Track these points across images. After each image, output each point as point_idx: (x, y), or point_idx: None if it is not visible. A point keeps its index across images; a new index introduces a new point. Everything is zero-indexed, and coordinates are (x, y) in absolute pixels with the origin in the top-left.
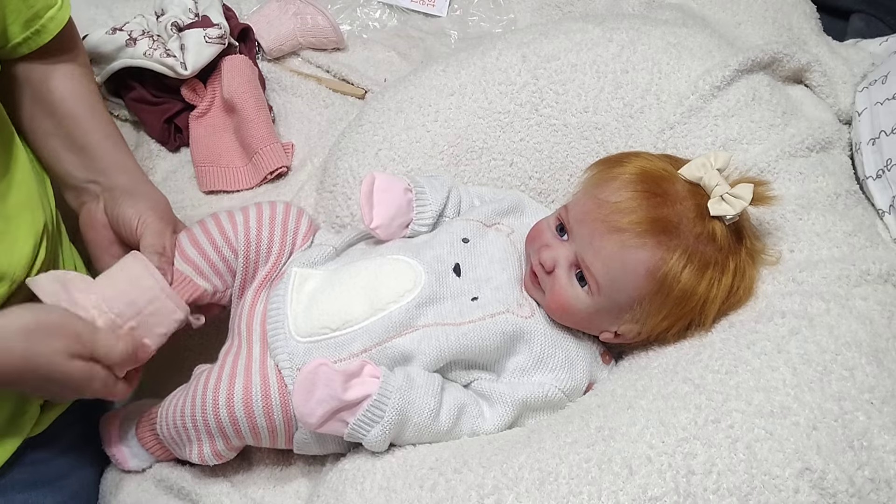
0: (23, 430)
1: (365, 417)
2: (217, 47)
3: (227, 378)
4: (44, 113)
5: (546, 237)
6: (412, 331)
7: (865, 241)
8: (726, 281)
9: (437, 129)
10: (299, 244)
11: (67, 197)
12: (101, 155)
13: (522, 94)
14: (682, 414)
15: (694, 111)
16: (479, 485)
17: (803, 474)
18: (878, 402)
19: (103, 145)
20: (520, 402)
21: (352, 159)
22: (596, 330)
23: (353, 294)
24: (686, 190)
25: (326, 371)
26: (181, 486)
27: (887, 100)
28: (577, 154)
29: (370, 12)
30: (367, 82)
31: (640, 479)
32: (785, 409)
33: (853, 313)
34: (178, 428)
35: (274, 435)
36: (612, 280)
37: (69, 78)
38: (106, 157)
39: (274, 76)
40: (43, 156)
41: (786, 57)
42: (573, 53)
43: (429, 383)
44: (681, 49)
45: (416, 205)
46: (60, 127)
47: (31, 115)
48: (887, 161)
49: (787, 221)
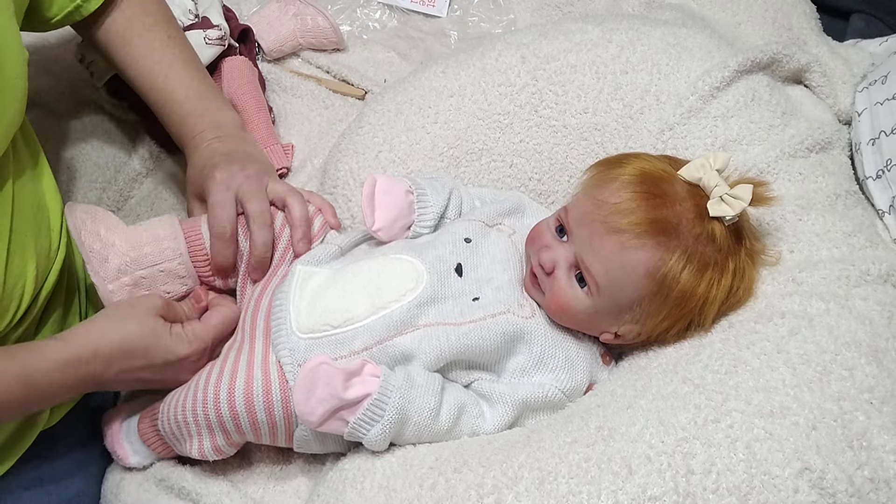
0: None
1: (365, 416)
2: (217, 48)
3: (230, 373)
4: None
5: (546, 238)
6: (413, 330)
7: (865, 242)
8: (726, 281)
9: (436, 131)
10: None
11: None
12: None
13: (522, 95)
14: (681, 414)
15: (693, 112)
16: (478, 484)
17: (803, 474)
18: (877, 402)
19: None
20: (520, 402)
21: (352, 161)
22: (596, 331)
23: (356, 292)
24: (685, 191)
25: (327, 370)
26: (181, 486)
27: (887, 100)
28: (576, 155)
29: (370, 13)
30: (366, 83)
31: (640, 478)
32: (784, 409)
33: (853, 313)
34: (180, 422)
35: (274, 431)
36: (612, 281)
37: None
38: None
39: (274, 77)
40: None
41: (785, 57)
42: (573, 54)
43: (429, 383)
44: (680, 50)
45: (418, 207)
46: None
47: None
48: (887, 161)
49: (786, 222)
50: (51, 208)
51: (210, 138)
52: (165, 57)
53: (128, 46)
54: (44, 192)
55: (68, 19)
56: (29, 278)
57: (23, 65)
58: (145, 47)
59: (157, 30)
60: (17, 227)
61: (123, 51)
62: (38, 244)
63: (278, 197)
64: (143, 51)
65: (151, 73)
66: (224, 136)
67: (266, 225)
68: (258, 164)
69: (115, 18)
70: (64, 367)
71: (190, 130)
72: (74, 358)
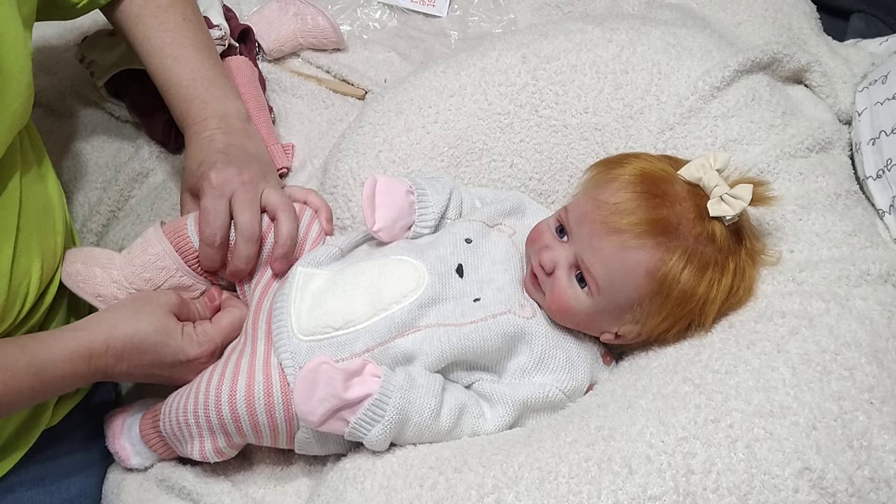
0: (42, 423)
1: (366, 416)
2: (217, 48)
3: (231, 375)
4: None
5: (546, 238)
6: (414, 331)
7: (865, 242)
8: (726, 281)
9: (437, 131)
10: (308, 248)
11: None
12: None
13: (522, 94)
14: (681, 413)
15: (694, 112)
16: (479, 484)
17: (803, 474)
18: (877, 401)
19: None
20: (521, 402)
21: (352, 161)
22: (596, 331)
23: (357, 294)
24: (685, 191)
25: (328, 370)
26: (182, 486)
27: (887, 100)
28: (576, 155)
29: (370, 13)
30: (367, 83)
31: (640, 478)
32: (784, 408)
33: (853, 313)
34: (181, 424)
35: (275, 433)
36: (612, 281)
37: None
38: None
39: (274, 77)
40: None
41: (786, 57)
42: (573, 54)
43: (430, 383)
44: (680, 49)
45: (418, 207)
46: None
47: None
48: (887, 161)
49: (786, 222)
50: (56, 208)
51: (212, 128)
52: (178, 39)
53: (141, 26)
54: (49, 191)
55: (93, 4)
56: (34, 277)
57: (27, 59)
58: (158, 28)
59: (172, 11)
60: (23, 226)
61: (137, 30)
62: (44, 243)
63: (270, 208)
64: (155, 31)
65: (161, 53)
66: (227, 127)
67: (252, 239)
68: (257, 164)
69: (133, 0)
70: (75, 358)
71: (194, 116)
72: (86, 349)
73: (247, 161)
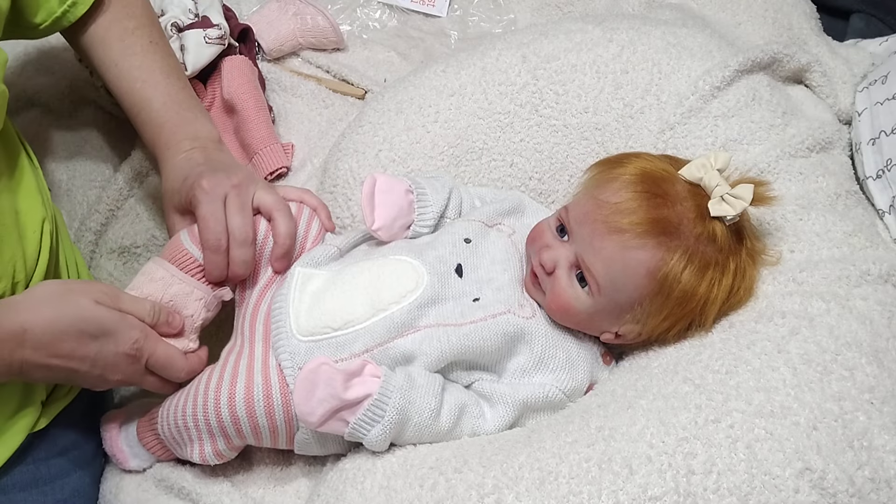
0: (27, 426)
1: (366, 417)
2: (217, 48)
3: (230, 377)
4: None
5: (546, 238)
6: (414, 331)
7: (865, 242)
8: (727, 281)
9: (437, 130)
10: (308, 247)
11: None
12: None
13: (522, 94)
14: (682, 414)
15: (694, 111)
16: (479, 484)
17: (803, 474)
18: (878, 402)
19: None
20: (521, 402)
21: (352, 160)
22: (597, 331)
23: (356, 294)
24: (686, 190)
25: (327, 370)
26: (181, 486)
27: (887, 100)
28: (577, 154)
29: (370, 12)
30: (367, 82)
31: (640, 478)
32: (785, 409)
33: (853, 313)
34: (180, 427)
35: (275, 434)
36: (613, 281)
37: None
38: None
39: (274, 76)
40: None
41: (786, 57)
42: (573, 54)
43: (430, 383)
44: (681, 49)
45: (418, 206)
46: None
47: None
48: (887, 161)
49: (787, 222)
50: (28, 214)
51: (187, 149)
52: (146, 62)
53: (108, 50)
54: (19, 206)
55: (56, 25)
56: (4, 286)
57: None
58: (125, 51)
59: (138, 34)
60: None
61: (103, 54)
62: (13, 252)
63: (265, 209)
64: (122, 54)
65: (130, 76)
66: (201, 147)
67: (245, 243)
68: (242, 170)
69: (99, 23)
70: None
71: (167, 139)
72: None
73: (232, 168)
